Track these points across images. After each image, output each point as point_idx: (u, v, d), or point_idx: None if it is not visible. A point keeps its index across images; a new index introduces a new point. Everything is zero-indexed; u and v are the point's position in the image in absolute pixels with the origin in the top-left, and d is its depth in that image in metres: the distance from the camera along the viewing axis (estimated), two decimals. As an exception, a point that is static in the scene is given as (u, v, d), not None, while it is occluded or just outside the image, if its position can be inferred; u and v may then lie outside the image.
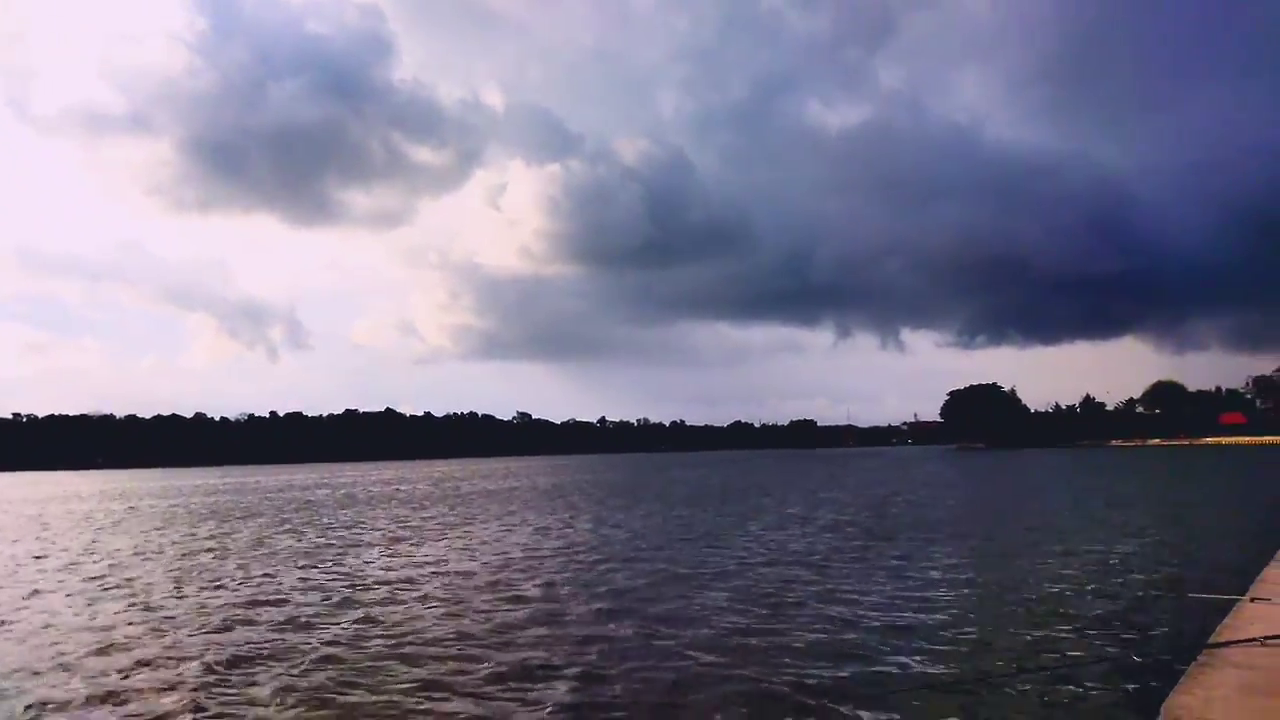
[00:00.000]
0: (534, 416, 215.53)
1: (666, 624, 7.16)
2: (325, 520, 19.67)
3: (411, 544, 13.88)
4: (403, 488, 36.38)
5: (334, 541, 14.65)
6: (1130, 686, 4.82)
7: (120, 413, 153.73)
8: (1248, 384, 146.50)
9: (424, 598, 8.63)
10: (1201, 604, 6.01)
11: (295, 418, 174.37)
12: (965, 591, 8.42)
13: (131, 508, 26.43)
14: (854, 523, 16.54)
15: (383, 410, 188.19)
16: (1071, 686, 4.88)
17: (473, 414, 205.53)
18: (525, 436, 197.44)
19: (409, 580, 9.82)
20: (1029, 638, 6.34)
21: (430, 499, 27.40)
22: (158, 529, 18.25)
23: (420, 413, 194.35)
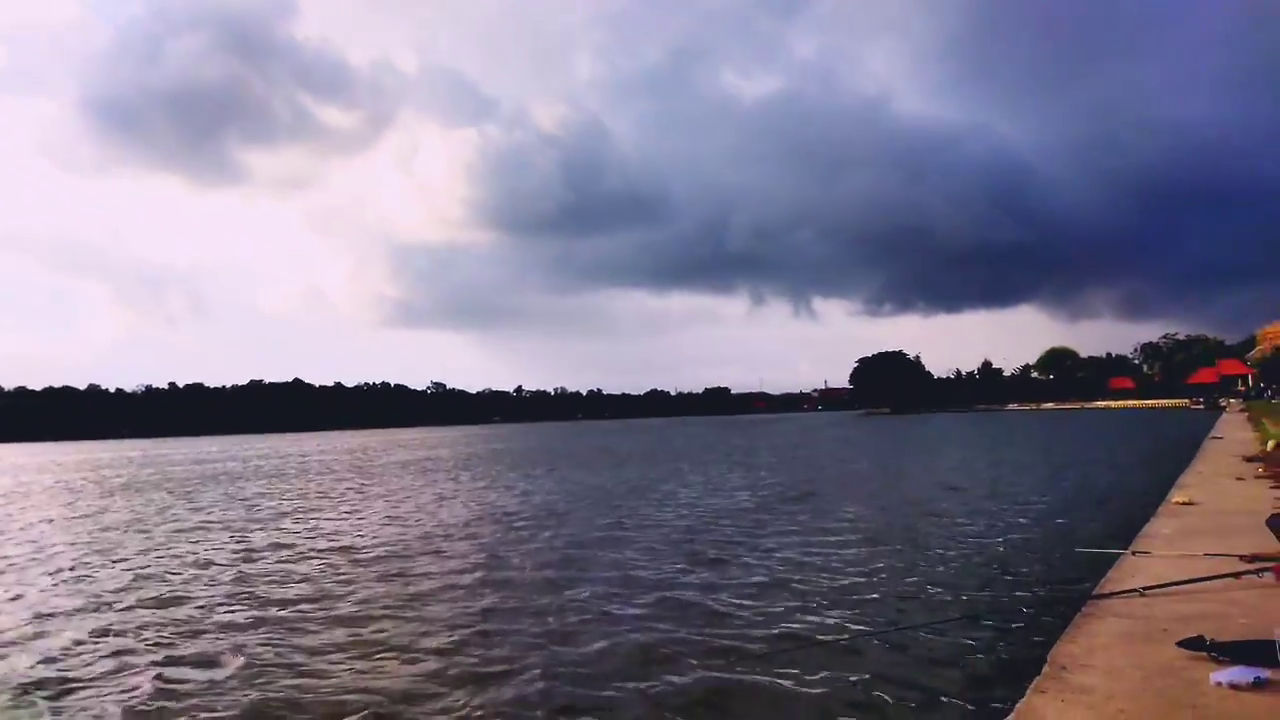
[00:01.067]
0: (449, 386, 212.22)
1: (578, 586, 7.11)
2: (224, 493, 18.98)
3: (321, 515, 13.50)
4: (311, 459, 35.41)
5: (239, 515, 14.13)
6: (1020, 636, 5.00)
7: (9, 384, 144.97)
8: (1136, 350, 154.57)
9: (333, 566, 8.38)
10: (1088, 558, 6.28)
11: (196, 389, 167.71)
12: (866, 549, 8.63)
13: (22, 482, 25.00)
14: (763, 484, 16.82)
15: (290, 381, 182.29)
16: (964, 637, 5.03)
17: (385, 384, 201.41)
18: (440, 407, 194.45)
19: (317, 550, 9.53)
20: (925, 592, 6.54)
21: (341, 469, 26.75)
22: (48, 504, 17.29)
23: (330, 383, 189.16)
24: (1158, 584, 4.38)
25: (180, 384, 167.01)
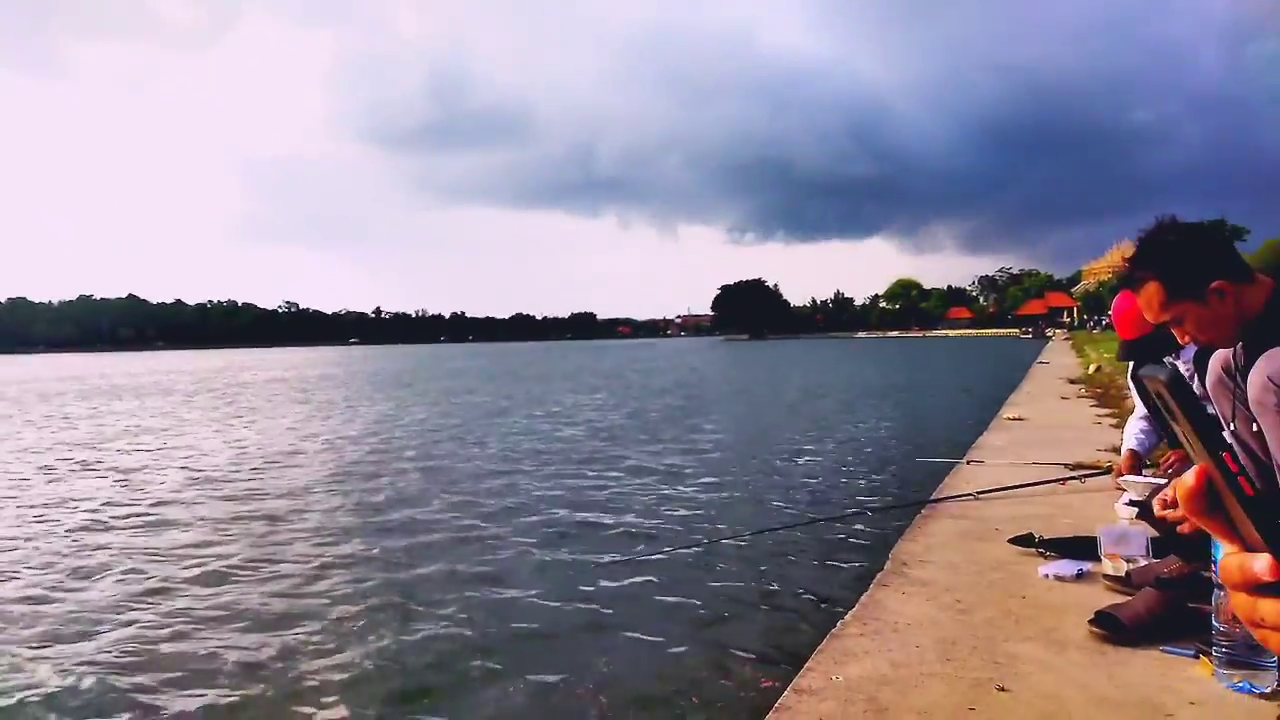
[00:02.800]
0: (302, 306, 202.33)
1: (432, 510, 6.93)
2: (46, 414, 17.50)
3: (160, 441, 12.64)
4: (146, 380, 33.16)
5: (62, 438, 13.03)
6: (866, 537, 5.22)
7: None
8: (974, 282, 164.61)
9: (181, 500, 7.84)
10: (928, 466, 6.59)
11: (20, 304, 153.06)
12: (722, 462, 8.83)
13: None
14: (624, 405, 16.99)
15: (124, 296, 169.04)
16: (813, 539, 5.22)
17: (232, 302, 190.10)
18: (292, 327, 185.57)
19: (164, 486, 8.89)
20: (777, 499, 6.77)
21: (179, 392, 25.18)
22: None
23: (170, 299, 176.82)
24: (990, 488, 4.62)
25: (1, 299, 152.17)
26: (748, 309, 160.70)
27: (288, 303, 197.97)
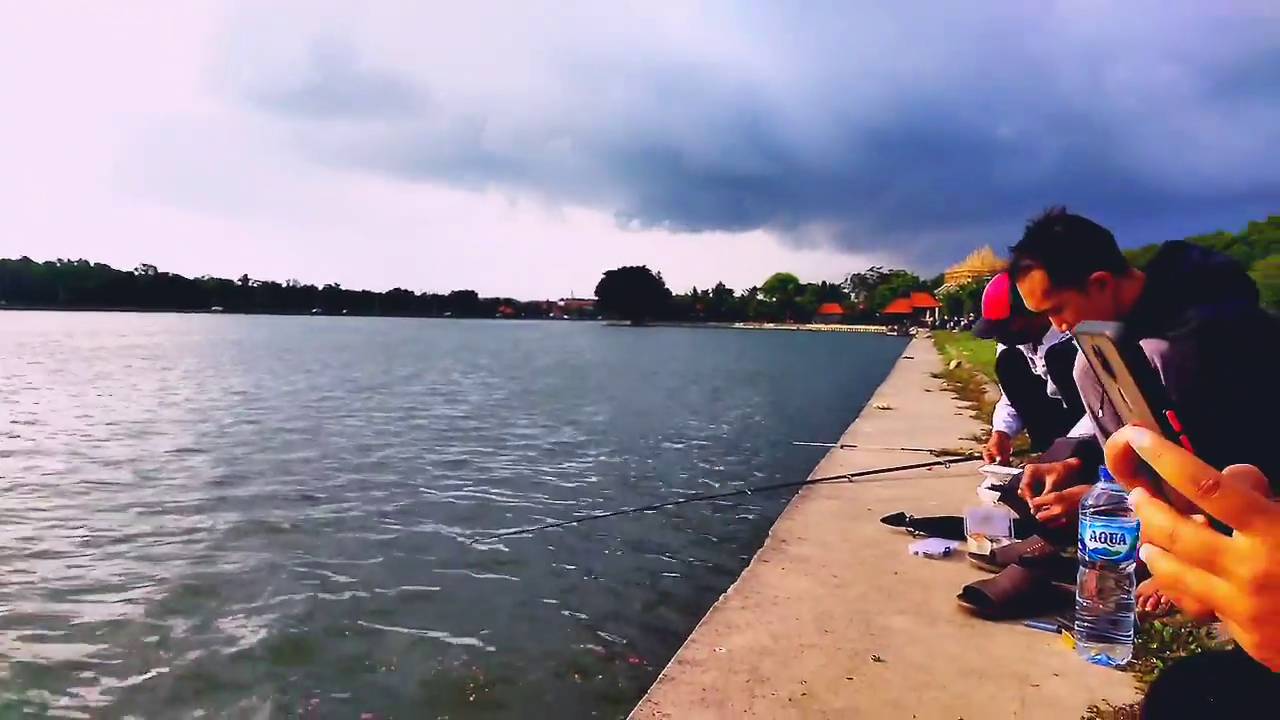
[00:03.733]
0: (161, 269, 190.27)
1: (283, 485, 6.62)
2: None
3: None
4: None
5: None
6: (746, 516, 5.29)
7: None
8: (846, 280, 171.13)
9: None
10: (804, 450, 6.76)
11: None
12: (603, 444, 8.82)
13: None
14: (506, 384, 16.78)
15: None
16: (696, 517, 5.26)
17: (84, 261, 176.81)
18: (150, 291, 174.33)
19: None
20: (659, 480, 6.81)
21: (19, 355, 23.27)
22: None
23: (16, 256, 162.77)
24: (863, 471, 4.76)
25: None
26: (631, 295, 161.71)
27: (145, 265, 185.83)
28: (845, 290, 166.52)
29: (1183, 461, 0.53)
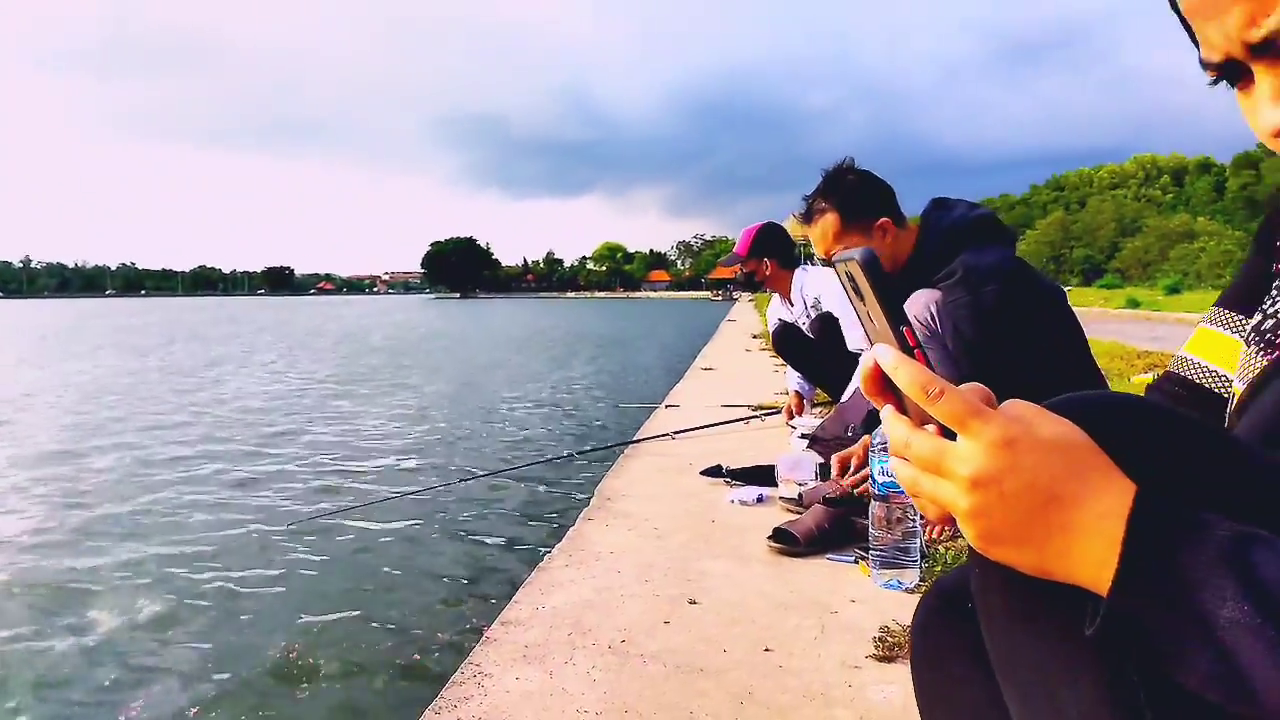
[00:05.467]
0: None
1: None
2: None
3: None
4: None
5: None
6: (576, 477, 5.35)
7: None
8: (673, 247, 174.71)
9: None
10: (631, 412, 6.91)
11: None
12: (431, 418, 8.65)
13: None
14: (325, 363, 16.08)
15: None
16: (523, 483, 5.27)
17: None
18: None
19: None
20: (487, 448, 6.77)
21: None
22: None
23: None
24: (685, 428, 4.92)
25: None
26: (459, 267, 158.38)
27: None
28: (672, 258, 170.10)
29: (914, 372, 0.59)
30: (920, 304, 2.65)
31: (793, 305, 4.86)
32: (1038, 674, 0.62)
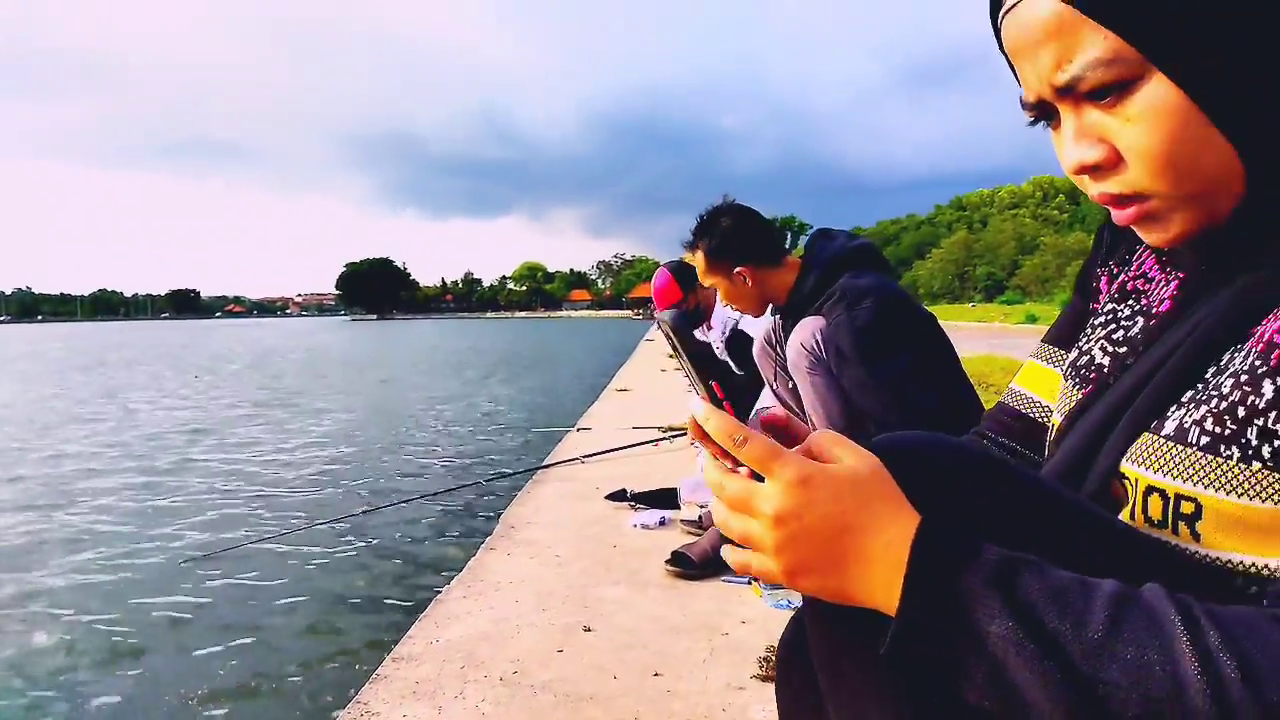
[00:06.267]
0: None
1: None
2: None
3: None
4: None
5: None
6: (483, 505, 5.29)
7: None
8: (594, 267, 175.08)
9: None
10: (542, 436, 6.90)
11: None
12: (342, 443, 8.46)
13: None
14: (231, 390, 15.56)
15: None
16: (429, 513, 5.17)
17: None
18: None
19: None
20: (397, 477, 6.61)
21: None
22: None
23: None
24: (594, 452, 4.96)
25: None
26: (375, 287, 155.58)
27: None
28: (593, 277, 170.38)
29: (722, 422, 0.65)
30: (807, 332, 2.76)
31: (711, 328, 4.92)
32: (854, 699, 0.68)
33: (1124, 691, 0.51)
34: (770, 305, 3.03)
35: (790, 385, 2.97)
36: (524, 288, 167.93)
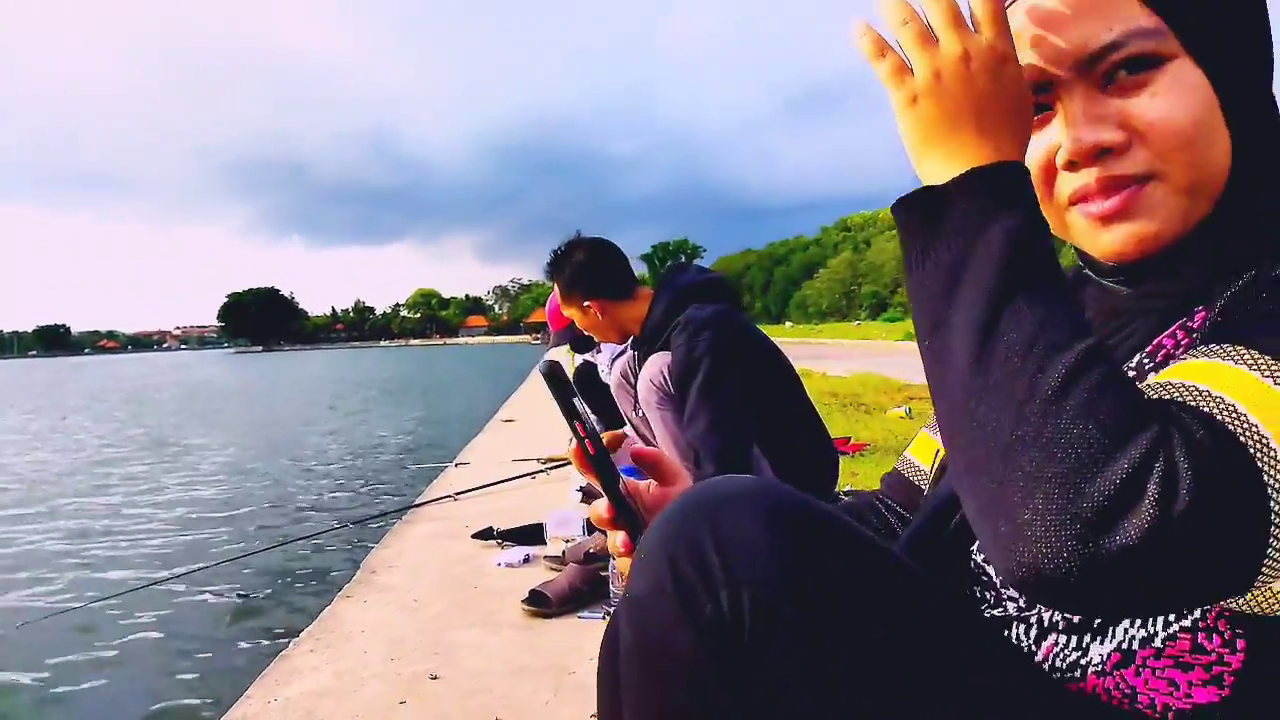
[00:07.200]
0: None
1: None
2: None
3: None
4: None
5: None
6: (347, 549, 5.11)
7: None
8: (490, 292, 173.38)
9: None
10: (419, 472, 6.77)
11: None
12: (207, 487, 8.06)
13: None
14: (116, 431, 14.69)
15: None
16: (289, 559, 4.94)
17: None
18: None
19: None
20: (262, 521, 6.32)
21: None
22: None
23: None
24: (469, 488, 4.89)
25: None
26: (260, 318, 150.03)
27: None
28: (489, 302, 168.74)
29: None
30: (655, 369, 2.83)
31: (600, 350, 4.96)
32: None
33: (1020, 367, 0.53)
34: (630, 337, 3.09)
35: (643, 417, 3.03)
36: (418, 315, 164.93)
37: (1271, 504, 0.48)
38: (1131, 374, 0.66)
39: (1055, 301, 0.55)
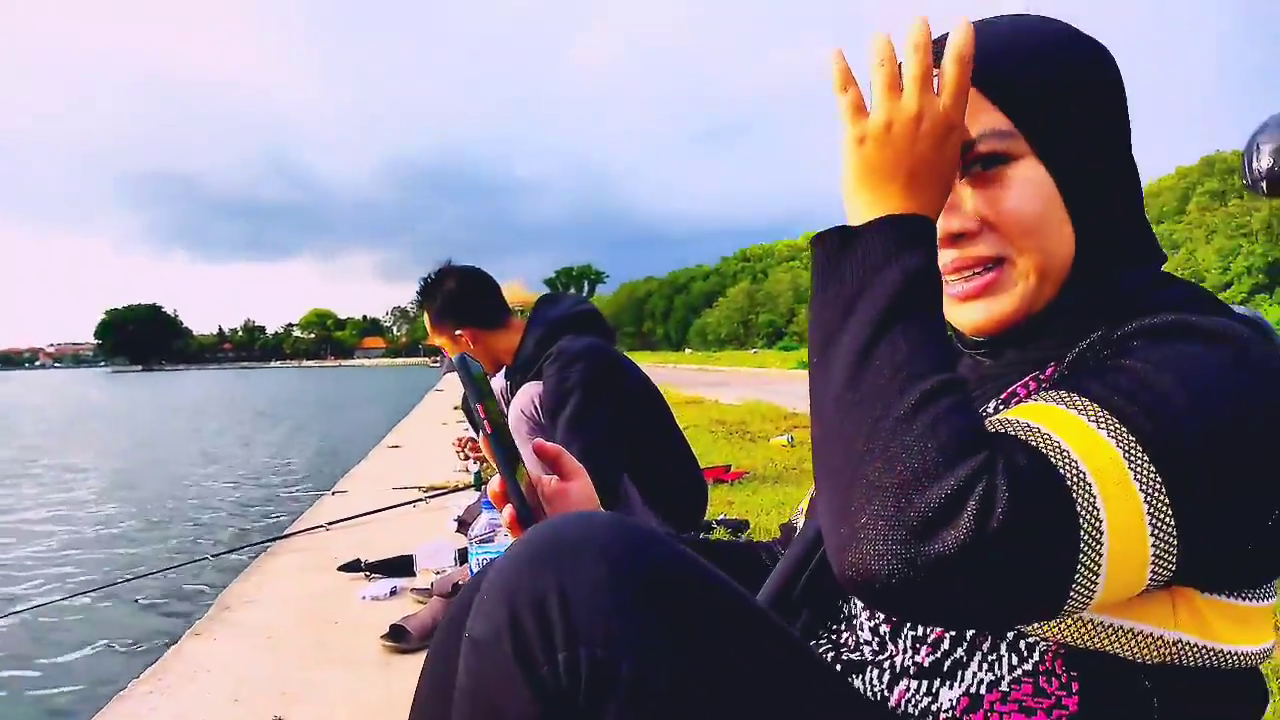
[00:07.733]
0: None
1: None
2: None
3: None
4: None
5: None
6: (205, 583, 4.77)
7: None
8: (388, 313, 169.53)
9: None
10: (292, 501, 6.51)
11: None
12: (52, 519, 7.52)
13: None
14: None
15: None
16: (139, 595, 4.60)
17: None
18: None
19: None
20: (118, 551, 5.89)
21: None
22: None
23: None
24: (342, 518, 4.72)
25: None
26: (141, 337, 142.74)
27: None
28: (387, 324, 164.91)
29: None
30: (526, 398, 2.81)
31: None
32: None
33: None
34: (503, 367, 3.06)
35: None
36: (313, 335, 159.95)
37: (1081, 533, 0.54)
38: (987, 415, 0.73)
39: (928, 339, 0.61)
